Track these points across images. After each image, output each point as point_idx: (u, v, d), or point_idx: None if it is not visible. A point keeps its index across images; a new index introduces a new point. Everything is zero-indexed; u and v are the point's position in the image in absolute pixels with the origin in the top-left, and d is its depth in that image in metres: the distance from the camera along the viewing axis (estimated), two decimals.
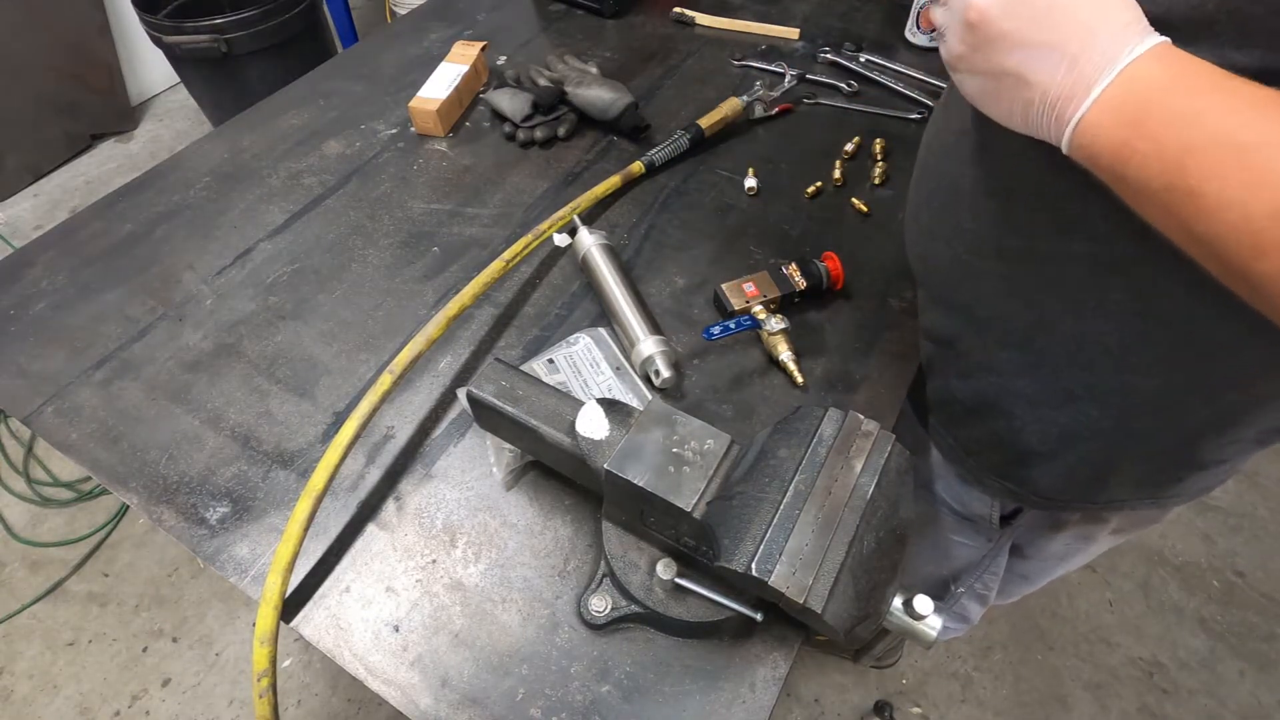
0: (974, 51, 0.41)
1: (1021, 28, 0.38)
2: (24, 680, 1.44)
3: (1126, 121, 0.36)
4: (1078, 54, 0.37)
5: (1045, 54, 0.38)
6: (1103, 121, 0.37)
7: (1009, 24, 0.39)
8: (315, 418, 0.69)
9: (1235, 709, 1.40)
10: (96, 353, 0.74)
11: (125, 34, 2.45)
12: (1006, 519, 0.73)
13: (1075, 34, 0.37)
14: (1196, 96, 0.34)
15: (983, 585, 0.85)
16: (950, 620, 0.94)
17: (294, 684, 1.43)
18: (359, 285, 0.80)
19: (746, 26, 1.16)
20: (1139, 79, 0.35)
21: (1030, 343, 0.56)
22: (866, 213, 0.86)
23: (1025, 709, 1.41)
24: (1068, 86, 0.37)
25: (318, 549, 0.60)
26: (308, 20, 2.13)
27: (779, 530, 0.45)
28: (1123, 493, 0.62)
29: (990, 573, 0.82)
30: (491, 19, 1.20)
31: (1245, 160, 0.32)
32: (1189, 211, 0.35)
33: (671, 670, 0.54)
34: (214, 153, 0.96)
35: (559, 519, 0.62)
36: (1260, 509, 1.68)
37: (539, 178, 0.92)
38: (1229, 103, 0.33)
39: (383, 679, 0.54)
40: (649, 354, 0.68)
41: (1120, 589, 1.57)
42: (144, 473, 0.65)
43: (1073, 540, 0.75)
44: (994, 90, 0.42)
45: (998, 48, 0.40)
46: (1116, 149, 0.36)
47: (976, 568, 0.80)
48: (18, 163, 2.36)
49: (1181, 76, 0.35)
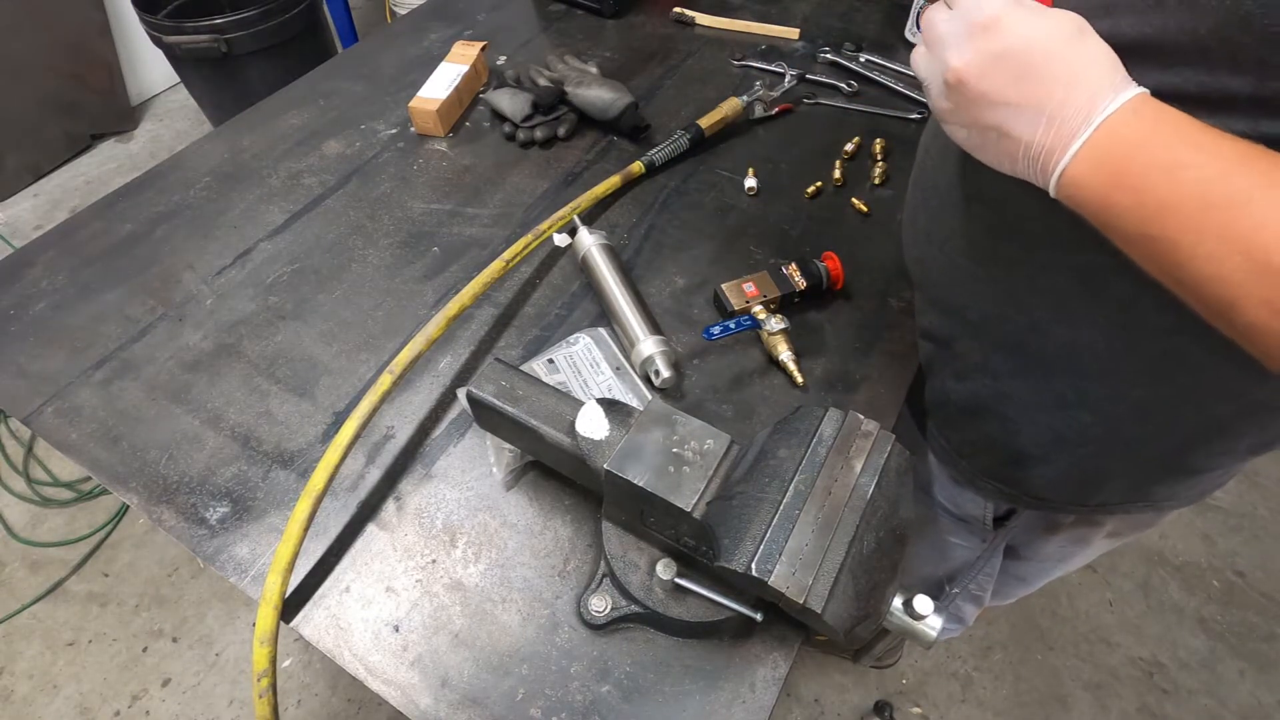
0: (957, 109, 0.42)
1: (999, 89, 0.39)
2: (24, 680, 1.44)
3: (1107, 175, 0.36)
4: (1055, 112, 0.37)
5: (1024, 112, 0.39)
6: (1084, 173, 0.37)
7: (986, 85, 0.39)
8: (315, 418, 0.69)
9: (1235, 709, 1.40)
10: (96, 353, 0.74)
11: (125, 34, 2.45)
12: (1000, 520, 0.74)
13: (1052, 92, 0.37)
14: (1173, 151, 0.34)
15: (977, 586, 0.85)
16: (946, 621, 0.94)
17: (294, 684, 1.43)
18: (359, 285, 0.80)
19: (746, 26, 1.16)
20: (1117, 134, 0.36)
21: (1022, 348, 0.56)
22: (866, 213, 0.86)
23: (1025, 709, 1.41)
24: (1048, 142, 0.38)
25: (318, 549, 0.60)
26: (308, 20, 2.13)
27: (779, 530, 0.45)
28: (1115, 496, 0.63)
29: (985, 574, 0.82)
30: (491, 19, 1.20)
31: (1220, 218, 0.33)
32: (1169, 261, 0.36)
33: (671, 670, 0.54)
34: (214, 153, 0.96)
35: (559, 519, 0.62)
36: (1260, 509, 1.68)
37: (539, 178, 0.92)
38: (1204, 159, 0.34)
39: (383, 679, 0.54)
40: (649, 354, 0.68)
41: (1120, 589, 1.57)
42: (144, 473, 0.65)
43: (1067, 543, 0.75)
44: (980, 142, 0.43)
45: (979, 106, 0.41)
46: (1099, 200, 0.37)
47: (971, 569, 0.80)
48: (18, 163, 2.35)
49: (1158, 132, 0.35)
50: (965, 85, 0.40)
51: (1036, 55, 0.38)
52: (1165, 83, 0.37)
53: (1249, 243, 0.32)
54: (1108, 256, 0.41)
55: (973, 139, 0.44)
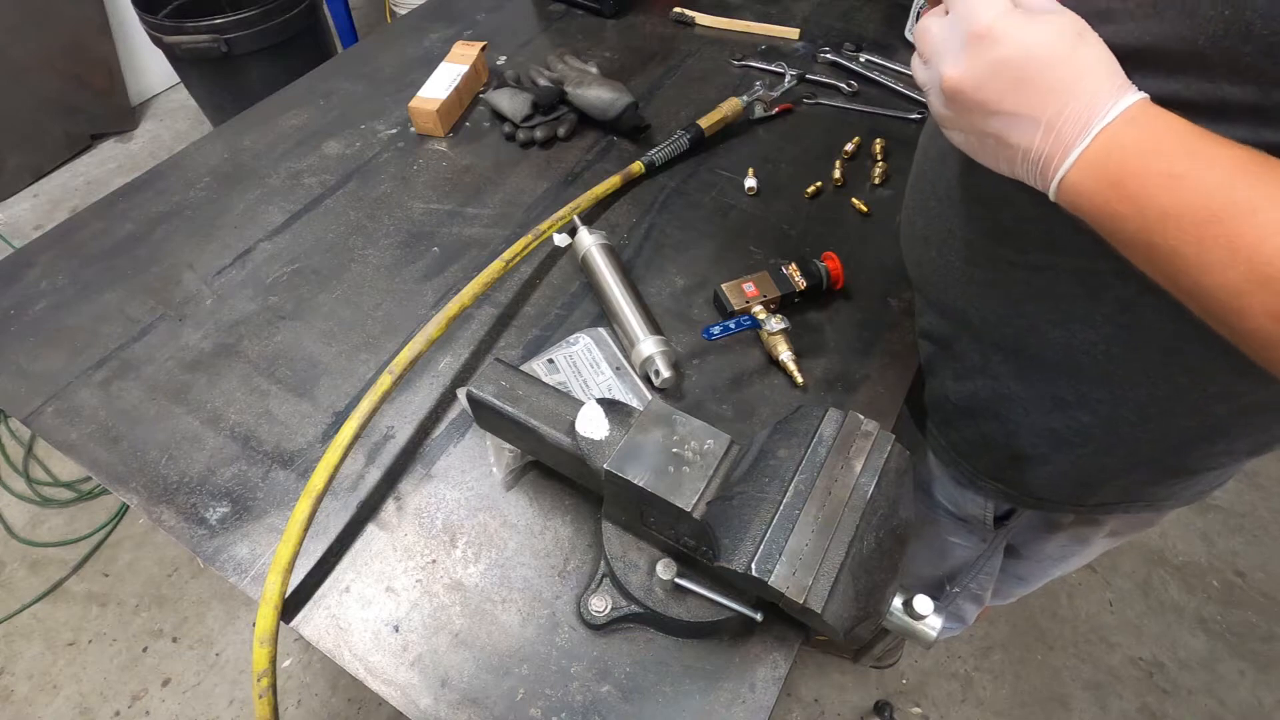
0: (956, 116, 0.42)
1: (996, 98, 0.39)
2: (24, 680, 1.44)
3: (1107, 183, 0.36)
4: (1053, 120, 0.37)
5: (1022, 120, 0.38)
6: (1084, 180, 0.37)
7: (983, 95, 0.39)
8: (315, 418, 0.69)
9: (1235, 709, 1.40)
10: (96, 353, 0.74)
11: (125, 34, 2.45)
12: (1001, 520, 0.74)
13: (1049, 101, 0.37)
14: (1173, 161, 0.34)
15: (978, 585, 0.85)
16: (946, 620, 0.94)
17: (294, 684, 1.43)
18: (359, 285, 0.80)
19: (746, 26, 1.16)
20: (1116, 142, 0.36)
21: (1021, 349, 0.56)
22: (866, 213, 0.86)
23: (1025, 709, 1.41)
24: (1047, 149, 0.38)
25: (318, 549, 0.60)
26: (308, 20, 2.13)
27: (779, 530, 0.45)
28: (1114, 496, 0.63)
29: (985, 573, 0.82)
30: (491, 19, 1.20)
31: (1222, 229, 0.33)
32: (1171, 269, 0.35)
33: (671, 670, 0.54)
34: (214, 153, 0.96)
35: (559, 519, 0.62)
36: (1260, 509, 1.68)
37: (539, 178, 0.92)
38: (1205, 168, 0.33)
39: (383, 679, 0.54)
40: (649, 354, 0.68)
41: (1120, 589, 1.57)
42: (144, 473, 0.65)
43: (1068, 542, 0.75)
44: (979, 147, 0.43)
45: (976, 114, 0.40)
46: (1099, 207, 0.37)
47: (971, 568, 0.80)
48: (18, 163, 2.35)
49: (1158, 139, 0.35)
50: (962, 95, 0.40)
51: (1033, 64, 0.37)
52: (1166, 90, 0.37)
53: (1253, 253, 0.32)
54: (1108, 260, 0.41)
55: (971, 144, 0.44)
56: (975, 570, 0.80)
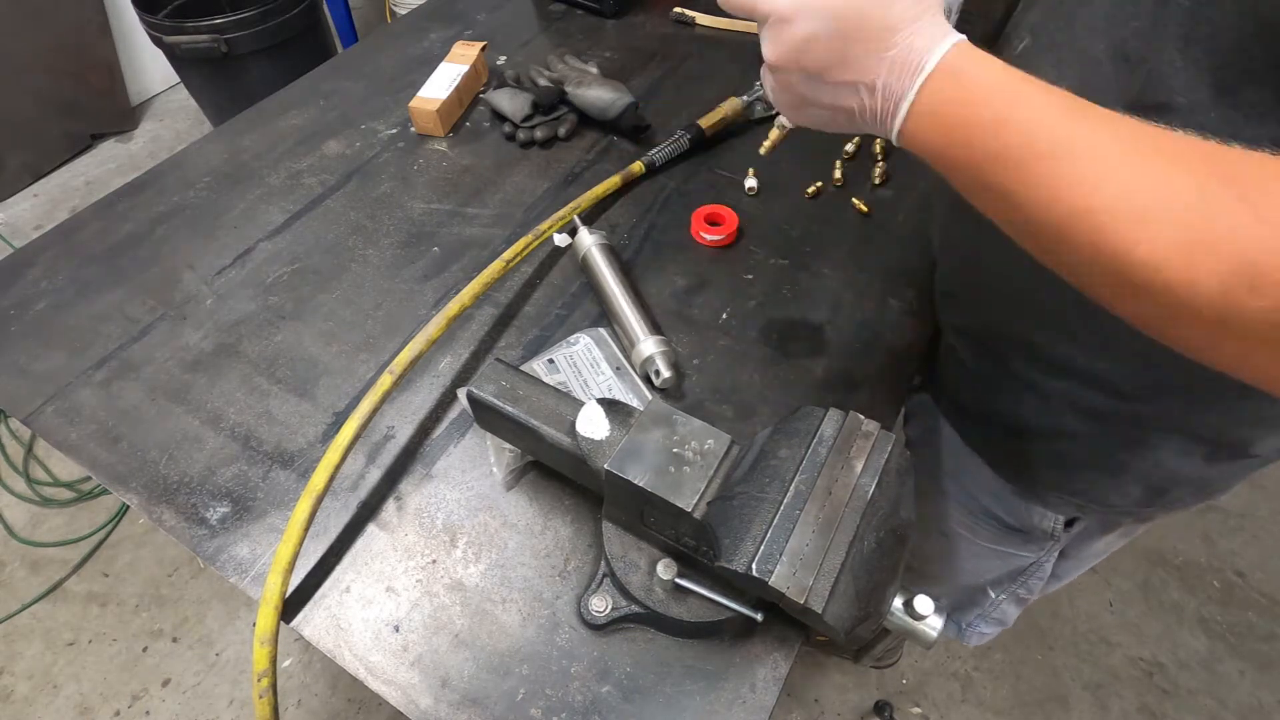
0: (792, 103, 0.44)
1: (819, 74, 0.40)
2: (24, 680, 1.44)
3: (937, 132, 0.38)
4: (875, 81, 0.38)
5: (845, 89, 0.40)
6: (918, 131, 0.39)
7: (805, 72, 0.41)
8: (315, 418, 0.69)
9: (1235, 709, 1.40)
10: (96, 353, 0.74)
11: (125, 34, 2.45)
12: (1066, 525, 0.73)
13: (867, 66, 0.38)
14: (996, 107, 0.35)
15: (1025, 590, 0.83)
16: (987, 625, 0.94)
17: (294, 684, 1.43)
18: (359, 285, 0.80)
19: (747, 26, 1.16)
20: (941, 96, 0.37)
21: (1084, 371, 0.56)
22: (867, 212, 0.86)
23: (1025, 709, 1.41)
24: (878, 108, 0.39)
25: (318, 549, 0.60)
26: (308, 20, 2.13)
27: (779, 530, 0.45)
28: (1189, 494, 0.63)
29: (1035, 576, 0.81)
30: (491, 19, 1.20)
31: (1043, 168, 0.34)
32: (1006, 207, 0.36)
33: (672, 670, 0.54)
34: (214, 153, 0.96)
35: (559, 519, 0.62)
36: (1260, 509, 1.68)
37: (539, 178, 0.92)
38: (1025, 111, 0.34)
39: (383, 679, 0.54)
40: (649, 354, 0.68)
41: (1120, 589, 1.57)
42: (144, 473, 0.65)
43: (1116, 539, 0.75)
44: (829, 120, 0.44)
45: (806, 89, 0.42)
46: (938, 153, 0.38)
47: (1023, 573, 0.79)
48: (18, 163, 2.36)
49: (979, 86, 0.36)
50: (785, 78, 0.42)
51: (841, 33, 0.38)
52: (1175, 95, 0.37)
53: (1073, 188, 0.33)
54: None
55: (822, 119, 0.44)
56: (1027, 575, 0.79)
